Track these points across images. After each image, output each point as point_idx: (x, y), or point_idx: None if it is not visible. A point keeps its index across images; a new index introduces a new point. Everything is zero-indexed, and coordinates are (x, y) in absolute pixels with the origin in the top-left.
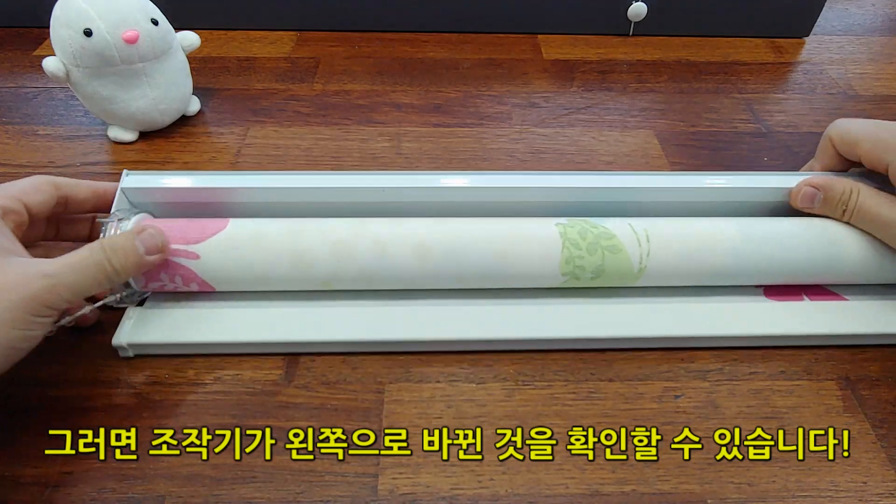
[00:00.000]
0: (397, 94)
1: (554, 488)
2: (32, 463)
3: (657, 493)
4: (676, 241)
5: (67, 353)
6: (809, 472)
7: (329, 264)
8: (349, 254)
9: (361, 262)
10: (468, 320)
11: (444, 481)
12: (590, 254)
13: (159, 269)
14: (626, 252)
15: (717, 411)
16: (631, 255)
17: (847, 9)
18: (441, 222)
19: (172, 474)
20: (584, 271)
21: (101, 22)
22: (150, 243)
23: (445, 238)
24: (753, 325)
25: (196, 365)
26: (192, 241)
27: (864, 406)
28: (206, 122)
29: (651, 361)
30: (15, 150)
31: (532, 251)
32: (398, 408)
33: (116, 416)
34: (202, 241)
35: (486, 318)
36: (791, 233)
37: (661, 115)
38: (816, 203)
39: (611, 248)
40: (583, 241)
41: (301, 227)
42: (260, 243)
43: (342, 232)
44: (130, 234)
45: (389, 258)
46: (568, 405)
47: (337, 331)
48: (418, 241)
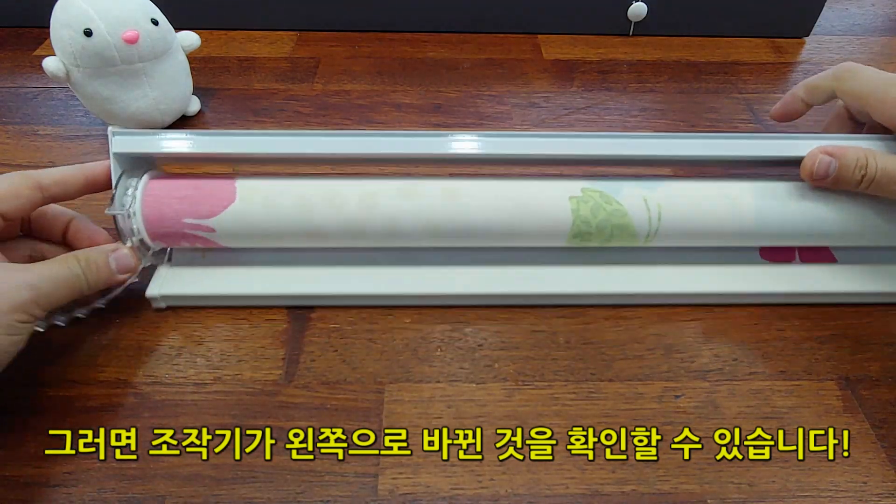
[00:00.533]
0: (397, 94)
1: (554, 488)
2: (32, 463)
3: (657, 493)
4: (688, 221)
5: (67, 353)
6: (809, 472)
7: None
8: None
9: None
10: (472, 277)
11: (444, 481)
12: (598, 231)
13: (180, 238)
14: (633, 230)
15: (717, 411)
16: (638, 233)
17: (847, 9)
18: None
19: (172, 474)
20: (590, 243)
21: (101, 22)
22: (123, 263)
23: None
24: (750, 284)
25: (196, 364)
26: (205, 215)
27: (864, 406)
28: (207, 122)
29: (651, 361)
30: (15, 150)
31: (541, 227)
32: (398, 408)
33: (116, 416)
34: (215, 215)
35: (489, 275)
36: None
37: (661, 115)
38: (831, 172)
39: (620, 226)
40: (593, 218)
41: (311, 201)
42: (272, 214)
43: (351, 198)
44: (105, 252)
45: (415, 200)
46: (568, 405)
47: (351, 285)
48: (440, 188)
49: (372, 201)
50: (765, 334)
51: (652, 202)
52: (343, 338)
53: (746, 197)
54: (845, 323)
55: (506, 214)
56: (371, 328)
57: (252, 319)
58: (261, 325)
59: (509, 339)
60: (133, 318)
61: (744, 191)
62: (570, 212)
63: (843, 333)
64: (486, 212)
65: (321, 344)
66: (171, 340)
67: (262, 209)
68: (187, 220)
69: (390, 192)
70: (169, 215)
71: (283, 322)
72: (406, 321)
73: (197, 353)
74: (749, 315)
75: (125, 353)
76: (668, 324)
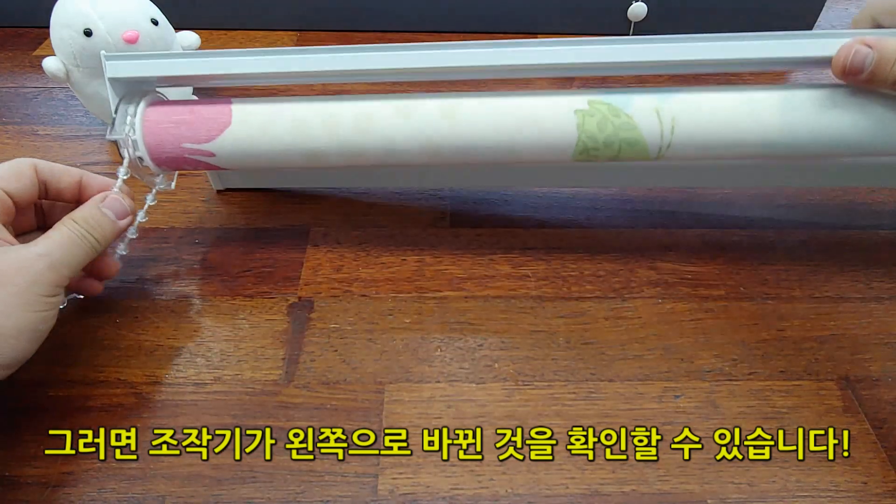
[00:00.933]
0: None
1: (554, 488)
2: (32, 463)
3: (657, 493)
4: (705, 134)
5: (67, 353)
6: (809, 472)
7: (336, 151)
8: (363, 138)
9: (381, 137)
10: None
11: (444, 481)
12: (606, 146)
13: (182, 163)
14: (644, 144)
15: (717, 411)
16: (650, 148)
17: (847, 9)
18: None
19: (172, 474)
20: (598, 159)
21: (101, 22)
22: (117, 208)
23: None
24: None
25: (196, 364)
26: (203, 139)
27: (864, 406)
28: None
29: (651, 361)
30: (15, 150)
31: (543, 144)
32: (398, 408)
33: (116, 416)
34: (213, 139)
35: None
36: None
37: None
38: (868, 65)
39: (629, 140)
40: (600, 133)
41: (307, 123)
42: (269, 137)
43: (347, 119)
44: (95, 204)
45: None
46: (568, 405)
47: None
48: (438, 105)
49: (368, 121)
50: (765, 334)
51: (665, 114)
52: (343, 338)
53: (770, 106)
54: (845, 323)
55: (506, 132)
56: (371, 328)
57: (252, 319)
58: (261, 325)
59: (509, 339)
60: (133, 318)
61: (767, 99)
62: (574, 127)
63: (843, 333)
64: (485, 129)
65: (321, 344)
66: (171, 340)
67: (260, 133)
68: (186, 146)
69: (387, 112)
70: (168, 141)
71: (283, 322)
72: (406, 321)
73: (197, 353)
74: (749, 315)
75: (125, 353)
76: (668, 324)
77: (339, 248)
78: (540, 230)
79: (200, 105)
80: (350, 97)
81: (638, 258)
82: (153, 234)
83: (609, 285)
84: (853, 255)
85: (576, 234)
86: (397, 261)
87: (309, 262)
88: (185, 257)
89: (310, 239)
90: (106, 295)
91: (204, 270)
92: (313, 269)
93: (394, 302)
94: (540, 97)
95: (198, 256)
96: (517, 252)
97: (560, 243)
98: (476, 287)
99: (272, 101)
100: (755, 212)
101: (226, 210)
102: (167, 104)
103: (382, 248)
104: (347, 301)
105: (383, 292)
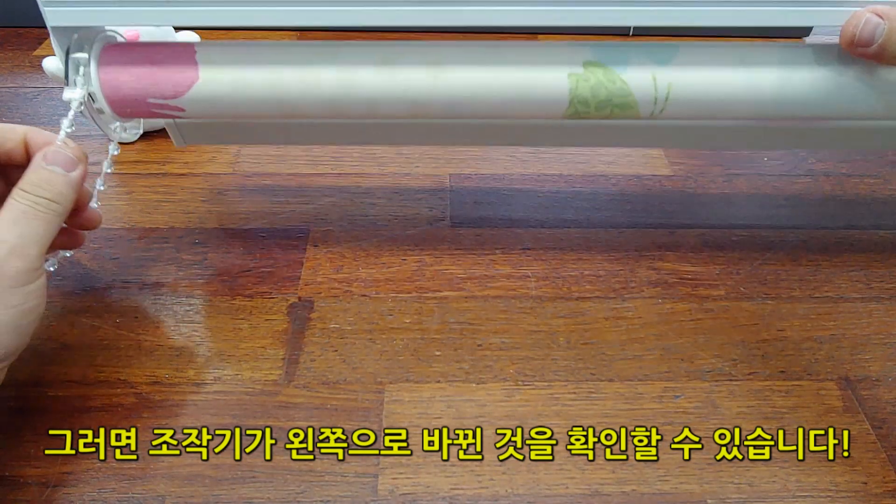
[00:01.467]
0: None
1: (554, 488)
2: (32, 463)
3: (657, 493)
4: (697, 104)
5: (67, 353)
6: (809, 472)
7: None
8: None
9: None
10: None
11: (444, 481)
12: (597, 110)
13: (150, 115)
14: (637, 110)
15: (717, 411)
16: (642, 113)
17: None
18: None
19: (172, 474)
20: (588, 118)
21: None
22: (61, 160)
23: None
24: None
25: (196, 364)
26: (170, 95)
27: (864, 406)
28: None
29: (651, 361)
30: None
31: (533, 108)
32: (398, 408)
33: (116, 416)
34: (181, 95)
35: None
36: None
37: None
38: (878, 37)
39: (622, 105)
40: (593, 99)
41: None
42: (241, 93)
43: (327, 75)
44: (38, 165)
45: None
46: (568, 405)
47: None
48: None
49: (350, 78)
50: (765, 334)
51: (661, 80)
52: (343, 338)
53: (767, 71)
54: (845, 323)
55: (495, 94)
56: (371, 328)
57: (252, 319)
58: (261, 326)
59: (509, 339)
60: (133, 318)
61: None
62: (567, 92)
63: (843, 333)
64: (473, 89)
65: (321, 344)
66: (171, 340)
67: (231, 88)
68: (153, 101)
69: (369, 68)
70: (131, 96)
71: (283, 322)
72: (406, 321)
73: (197, 353)
74: (749, 315)
75: (125, 353)
76: (668, 324)
77: (339, 248)
78: (540, 230)
79: (160, 51)
80: (329, 44)
81: (638, 258)
82: (153, 234)
83: (609, 285)
84: (853, 255)
85: (576, 234)
86: (397, 261)
87: (309, 262)
88: (185, 257)
89: (310, 239)
90: (106, 295)
91: (204, 270)
92: (313, 269)
93: (394, 302)
94: (531, 54)
95: (198, 256)
96: (517, 252)
97: (560, 243)
98: (476, 287)
99: (237, 44)
100: (755, 212)
101: (226, 210)
102: (122, 50)
103: (382, 248)
104: (347, 301)
105: (383, 292)
